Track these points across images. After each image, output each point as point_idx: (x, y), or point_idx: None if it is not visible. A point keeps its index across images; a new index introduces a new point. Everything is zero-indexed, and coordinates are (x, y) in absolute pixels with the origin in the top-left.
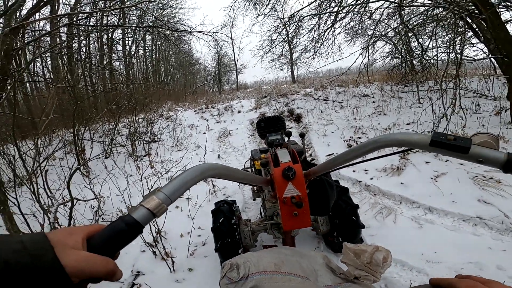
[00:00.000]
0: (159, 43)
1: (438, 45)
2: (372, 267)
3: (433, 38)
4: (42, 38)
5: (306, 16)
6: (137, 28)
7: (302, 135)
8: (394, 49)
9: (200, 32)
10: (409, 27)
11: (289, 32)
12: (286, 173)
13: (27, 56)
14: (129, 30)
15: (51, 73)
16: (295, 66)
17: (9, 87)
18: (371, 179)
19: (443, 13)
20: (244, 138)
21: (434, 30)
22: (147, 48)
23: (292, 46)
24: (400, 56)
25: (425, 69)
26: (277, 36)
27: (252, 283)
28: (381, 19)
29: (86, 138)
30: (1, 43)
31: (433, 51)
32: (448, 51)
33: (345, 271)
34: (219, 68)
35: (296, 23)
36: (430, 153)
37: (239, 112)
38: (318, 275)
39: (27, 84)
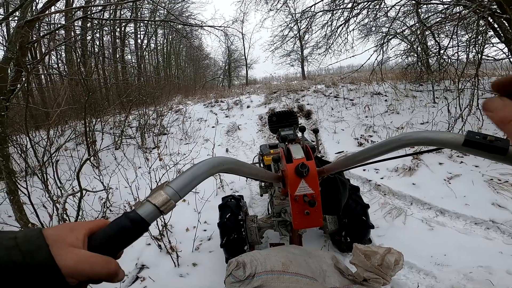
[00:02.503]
0: (170, 37)
1: (457, 44)
2: (383, 270)
3: (452, 37)
4: (57, 31)
5: (318, 12)
6: (149, 22)
7: (315, 131)
8: (409, 47)
9: (211, 26)
10: (427, 25)
11: (301, 28)
12: (299, 170)
13: (42, 49)
14: (142, 24)
15: (65, 66)
16: (306, 62)
17: (23, 79)
18: (382, 178)
19: (465, 11)
20: (252, 133)
21: (455, 29)
22: (158, 42)
23: (303, 42)
24: (415, 55)
25: (442, 68)
26: (289, 32)
27: (258, 282)
28: (397, 16)
29: (97, 130)
30: (16, 36)
31: (452, 50)
32: (467, 50)
33: (354, 273)
34: (229, 63)
35: (308, 19)
36: (444, 154)
37: (248, 107)
38: (326, 276)
39: (42, 76)
